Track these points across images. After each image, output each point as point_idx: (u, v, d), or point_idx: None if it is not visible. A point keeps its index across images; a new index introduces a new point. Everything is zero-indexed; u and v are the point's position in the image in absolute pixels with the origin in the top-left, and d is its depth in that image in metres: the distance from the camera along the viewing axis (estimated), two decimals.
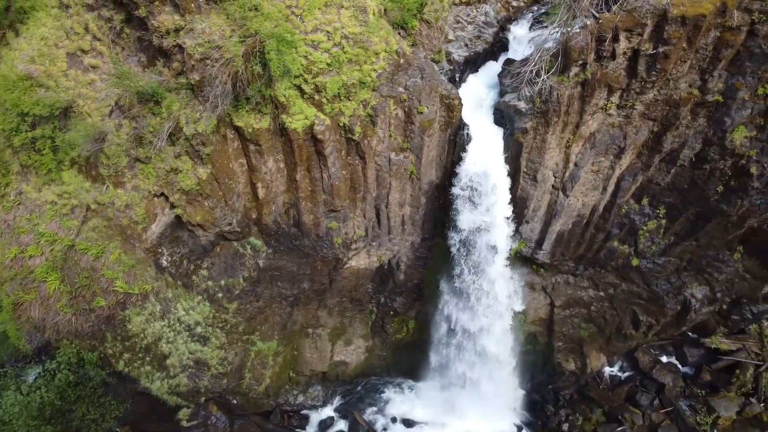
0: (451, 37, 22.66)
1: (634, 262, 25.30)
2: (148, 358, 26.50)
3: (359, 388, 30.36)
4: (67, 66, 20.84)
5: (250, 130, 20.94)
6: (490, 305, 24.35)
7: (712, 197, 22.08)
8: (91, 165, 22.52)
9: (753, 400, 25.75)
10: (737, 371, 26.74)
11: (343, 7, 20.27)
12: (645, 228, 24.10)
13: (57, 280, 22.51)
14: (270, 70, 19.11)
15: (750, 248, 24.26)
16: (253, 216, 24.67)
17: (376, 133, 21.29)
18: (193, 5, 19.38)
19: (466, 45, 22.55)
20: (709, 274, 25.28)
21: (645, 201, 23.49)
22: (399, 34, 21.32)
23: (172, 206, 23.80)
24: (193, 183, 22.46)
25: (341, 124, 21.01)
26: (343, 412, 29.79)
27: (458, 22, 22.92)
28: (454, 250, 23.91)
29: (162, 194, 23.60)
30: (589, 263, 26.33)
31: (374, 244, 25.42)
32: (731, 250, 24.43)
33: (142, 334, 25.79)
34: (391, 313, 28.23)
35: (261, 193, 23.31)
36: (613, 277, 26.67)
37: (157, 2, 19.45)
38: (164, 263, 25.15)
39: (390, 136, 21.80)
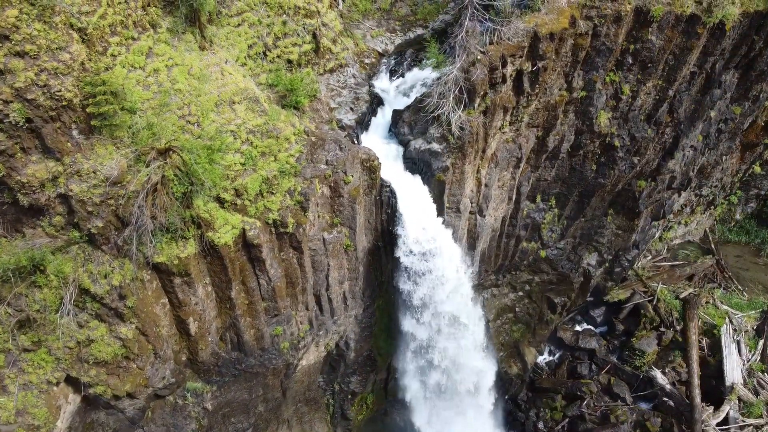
0: (333, 105, 22.59)
1: (542, 254, 27.87)
2: None
3: None
4: None
5: (176, 262, 18.06)
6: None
7: (589, 176, 25.56)
8: None
9: (663, 329, 30.12)
10: (641, 311, 31.06)
11: (234, 102, 18.90)
12: (545, 221, 26.77)
13: None
14: (194, 187, 16.91)
15: (617, 209, 28.47)
16: (184, 358, 21.17)
17: (308, 218, 20.11)
18: (69, 144, 16.24)
19: (351, 108, 22.71)
20: (596, 241, 29.03)
21: (538, 198, 26.15)
22: (294, 115, 20.56)
23: (85, 387, 19.22)
24: (115, 348, 18.51)
25: (271, 221, 19.38)
26: None
27: (332, 90, 22.96)
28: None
29: (67, 379, 18.97)
30: (507, 270, 28.21)
31: (321, 333, 23.72)
32: (606, 215, 28.45)
33: None
34: (350, 396, 26.51)
35: (193, 328, 20.14)
36: (527, 274, 28.97)
37: (18, 154, 15.85)
38: None
39: (319, 216, 20.77)
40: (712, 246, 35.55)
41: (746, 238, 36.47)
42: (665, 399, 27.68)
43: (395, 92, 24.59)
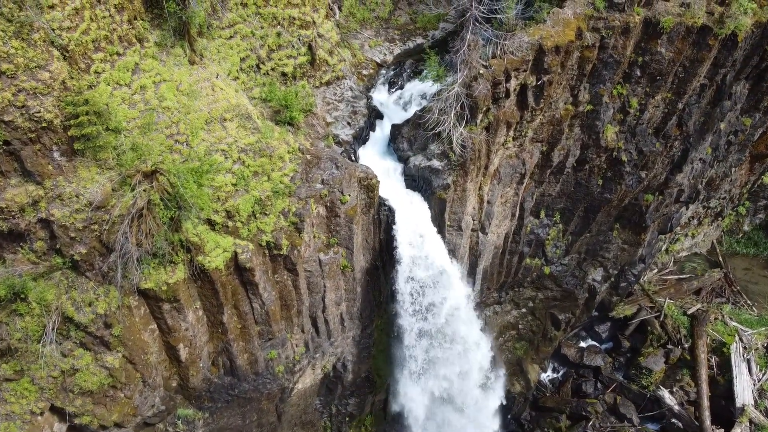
0: (329, 119, 21.73)
1: (546, 270, 27.02)
2: None
3: None
4: None
5: (164, 287, 17.22)
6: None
7: (595, 191, 24.70)
8: None
9: (670, 346, 29.22)
10: (648, 328, 30.16)
11: (225, 120, 18.05)
12: (549, 237, 25.92)
13: None
14: (182, 212, 16.07)
15: (623, 223, 27.60)
16: (174, 384, 20.33)
17: (303, 239, 19.26)
18: (50, 167, 15.42)
19: (349, 123, 21.85)
20: (602, 256, 28.16)
21: (542, 213, 25.30)
22: (288, 131, 19.72)
23: (70, 416, 18.42)
24: (101, 377, 17.69)
25: (264, 243, 18.53)
26: None
27: (328, 103, 22.09)
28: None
29: (51, 408, 18.16)
30: (510, 287, 27.36)
31: (317, 355, 22.87)
32: (611, 230, 27.58)
33: None
34: (347, 418, 25.68)
35: (184, 354, 19.29)
36: (530, 291, 28.12)
37: None
38: None
39: (314, 236, 19.94)
40: (720, 258, 34.66)
41: (755, 250, 35.58)
42: (673, 420, 26.80)
43: (394, 105, 23.74)
